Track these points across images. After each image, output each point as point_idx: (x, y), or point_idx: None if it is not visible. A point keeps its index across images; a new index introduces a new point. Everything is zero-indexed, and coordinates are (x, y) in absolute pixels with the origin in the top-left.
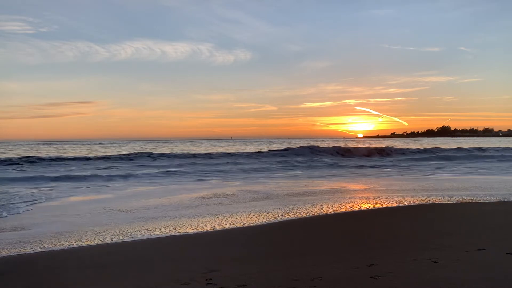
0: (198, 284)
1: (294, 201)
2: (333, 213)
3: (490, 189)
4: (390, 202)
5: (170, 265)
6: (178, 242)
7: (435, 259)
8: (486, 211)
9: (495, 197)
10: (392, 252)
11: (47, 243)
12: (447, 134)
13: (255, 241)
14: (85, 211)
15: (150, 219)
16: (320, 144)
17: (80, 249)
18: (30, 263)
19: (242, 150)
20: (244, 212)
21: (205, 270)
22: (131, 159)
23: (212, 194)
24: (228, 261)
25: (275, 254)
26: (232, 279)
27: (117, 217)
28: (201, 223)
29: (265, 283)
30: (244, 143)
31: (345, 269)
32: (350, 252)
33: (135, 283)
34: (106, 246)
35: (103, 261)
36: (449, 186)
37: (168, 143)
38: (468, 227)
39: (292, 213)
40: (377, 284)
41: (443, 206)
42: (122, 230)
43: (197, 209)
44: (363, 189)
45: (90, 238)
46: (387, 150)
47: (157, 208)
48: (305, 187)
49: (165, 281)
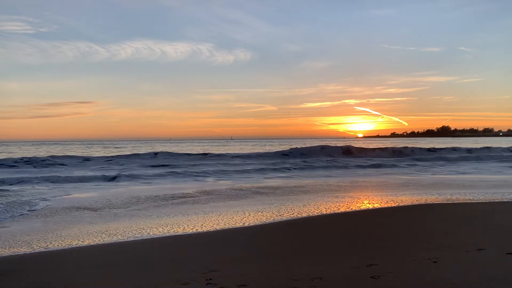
0: (198, 284)
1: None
2: (333, 213)
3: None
4: (390, 202)
5: (170, 265)
6: (178, 242)
7: (435, 259)
8: (486, 211)
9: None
10: (392, 252)
11: (47, 243)
12: (447, 134)
13: (255, 241)
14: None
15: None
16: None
17: (80, 249)
18: (30, 263)
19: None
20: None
21: (205, 270)
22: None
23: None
24: (228, 261)
25: (275, 254)
26: (232, 279)
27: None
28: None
29: (265, 283)
30: (245, 143)
31: (345, 269)
32: (350, 252)
33: (135, 283)
34: (106, 246)
35: (103, 261)
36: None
37: (169, 143)
38: (468, 227)
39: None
40: (377, 284)
41: (443, 206)
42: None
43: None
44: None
45: (90, 238)
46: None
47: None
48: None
49: (165, 281)
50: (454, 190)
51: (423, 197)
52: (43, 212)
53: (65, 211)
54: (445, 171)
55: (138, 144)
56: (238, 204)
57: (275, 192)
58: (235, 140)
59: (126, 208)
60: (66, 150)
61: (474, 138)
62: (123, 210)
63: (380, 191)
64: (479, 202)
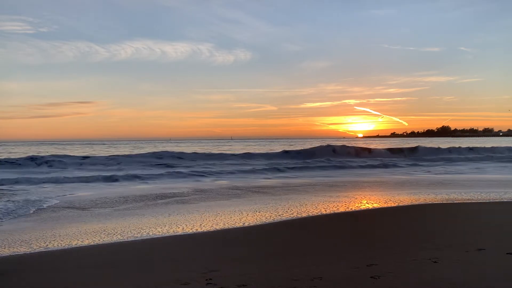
0: (198, 284)
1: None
2: (333, 213)
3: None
4: (389, 202)
5: (170, 265)
6: (178, 242)
7: (435, 259)
8: (486, 211)
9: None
10: (392, 252)
11: (47, 243)
12: (447, 134)
13: (255, 241)
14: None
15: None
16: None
17: (80, 249)
18: (30, 263)
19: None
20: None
21: (205, 270)
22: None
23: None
24: (228, 261)
25: (275, 254)
26: (232, 279)
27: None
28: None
29: (265, 283)
30: (246, 143)
31: (345, 269)
32: (350, 252)
33: (135, 283)
34: (106, 246)
35: (103, 261)
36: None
37: (170, 143)
38: (468, 227)
39: (293, 213)
40: (377, 284)
41: (443, 206)
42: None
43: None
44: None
45: (90, 238)
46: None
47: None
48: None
49: (165, 281)
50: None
51: (421, 197)
52: (47, 212)
53: (66, 211)
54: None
55: (138, 144)
56: (237, 203)
57: (274, 192)
58: (235, 140)
59: (126, 207)
60: (67, 149)
61: (474, 138)
62: (125, 209)
63: (383, 190)
64: (479, 202)
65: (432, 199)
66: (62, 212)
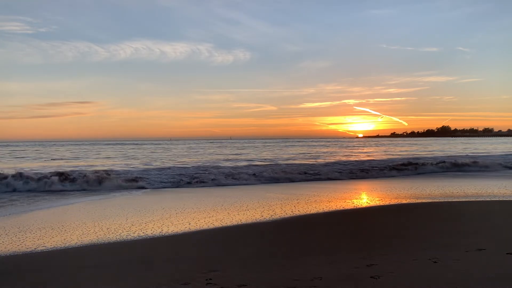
0: (198, 284)
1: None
2: (333, 213)
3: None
4: (389, 202)
5: (170, 265)
6: (178, 242)
7: (435, 259)
8: (486, 211)
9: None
10: (392, 252)
11: (47, 243)
12: (447, 134)
13: (255, 241)
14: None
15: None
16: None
17: (80, 249)
18: (30, 263)
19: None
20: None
21: (205, 270)
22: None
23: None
24: (228, 261)
25: (275, 254)
26: (232, 279)
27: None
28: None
29: (265, 283)
30: (247, 143)
31: (345, 269)
32: (350, 252)
33: (135, 283)
34: (106, 246)
35: (103, 261)
36: None
37: (170, 143)
38: (468, 227)
39: (295, 212)
40: (377, 284)
41: (443, 206)
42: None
43: None
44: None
45: (90, 238)
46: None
47: None
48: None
49: (165, 281)
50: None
51: (422, 196)
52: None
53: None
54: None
55: (138, 144)
56: (238, 203)
57: (274, 191)
58: (235, 139)
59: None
60: (76, 150)
61: (474, 138)
62: None
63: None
64: (479, 202)
65: (432, 199)
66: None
